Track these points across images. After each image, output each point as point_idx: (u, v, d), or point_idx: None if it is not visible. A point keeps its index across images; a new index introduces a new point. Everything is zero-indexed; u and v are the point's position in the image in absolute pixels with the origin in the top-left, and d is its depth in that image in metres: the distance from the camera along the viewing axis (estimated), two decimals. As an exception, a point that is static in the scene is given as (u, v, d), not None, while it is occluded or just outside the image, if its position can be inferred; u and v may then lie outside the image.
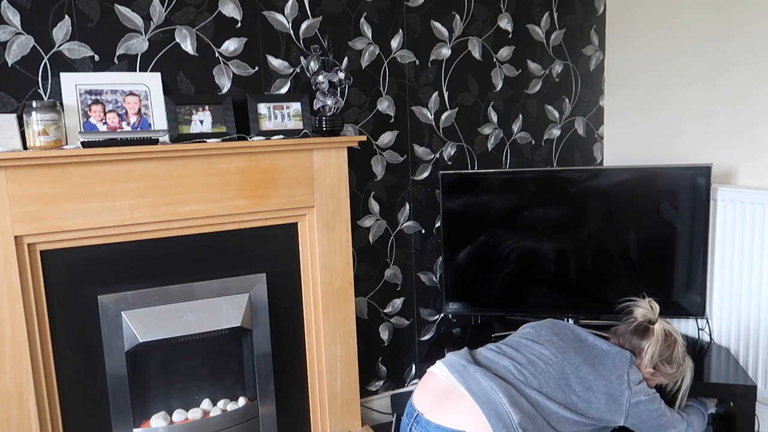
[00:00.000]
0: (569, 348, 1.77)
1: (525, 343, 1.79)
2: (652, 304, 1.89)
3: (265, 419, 2.27)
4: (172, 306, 2.06)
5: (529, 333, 1.85)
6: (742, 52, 2.36)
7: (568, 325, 1.91)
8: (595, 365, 1.73)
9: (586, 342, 1.83)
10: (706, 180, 2.31)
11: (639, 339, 1.82)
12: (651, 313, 1.87)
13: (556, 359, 1.71)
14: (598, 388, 1.69)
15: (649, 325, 1.84)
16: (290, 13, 2.27)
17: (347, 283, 2.32)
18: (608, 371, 1.72)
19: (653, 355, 1.79)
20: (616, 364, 1.75)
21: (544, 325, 1.88)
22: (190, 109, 2.07)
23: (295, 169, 2.17)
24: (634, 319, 1.87)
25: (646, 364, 1.80)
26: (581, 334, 1.86)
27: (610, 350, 1.80)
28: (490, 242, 2.53)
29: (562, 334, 1.83)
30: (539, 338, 1.81)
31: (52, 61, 1.94)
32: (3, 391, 1.83)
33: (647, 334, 1.82)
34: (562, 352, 1.74)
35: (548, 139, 2.90)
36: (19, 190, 1.79)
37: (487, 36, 2.68)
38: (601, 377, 1.70)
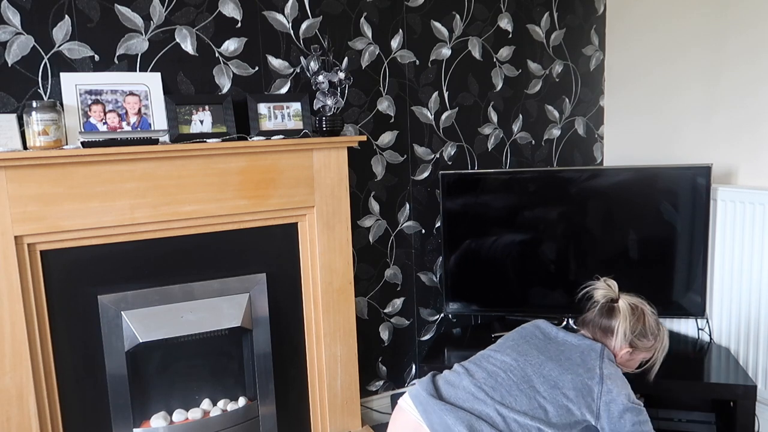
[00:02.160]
0: (532, 349, 1.74)
1: (488, 354, 1.76)
2: (609, 282, 1.85)
3: (265, 419, 2.27)
4: (172, 306, 2.06)
5: (496, 344, 1.83)
6: (743, 52, 2.36)
7: (539, 324, 1.87)
8: (561, 360, 1.69)
9: (554, 339, 1.78)
10: (706, 180, 2.31)
11: (607, 320, 1.78)
12: (611, 291, 1.83)
13: (516, 363, 1.68)
14: (565, 384, 1.63)
15: (612, 304, 1.80)
16: (290, 13, 2.27)
17: (347, 283, 2.32)
18: (575, 365, 1.67)
19: (626, 332, 1.74)
20: (584, 358, 1.69)
21: (514, 332, 1.86)
22: (190, 109, 2.07)
23: (295, 169, 2.17)
24: (595, 303, 1.83)
25: (621, 344, 1.75)
26: (551, 332, 1.82)
27: (579, 344, 1.75)
28: (490, 242, 2.53)
29: (529, 336, 1.81)
30: (502, 347, 1.78)
31: (52, 61, 1.94)
32: (3, 391, 1.83)
33: (613, 312, 1.78)
34: (523, 355, 1.71)
35: (548, 139, 2.90)
36: (19, 190, 1.79)
37: (487, 36, 2.68)
38: (567, 371, 1.65)
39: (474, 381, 1.66)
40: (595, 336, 1.80)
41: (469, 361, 1.77)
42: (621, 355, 1.78)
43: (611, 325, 1.77)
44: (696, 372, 2.22)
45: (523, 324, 1.90)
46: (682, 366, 2.26)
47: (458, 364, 1.77)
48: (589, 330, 1.82)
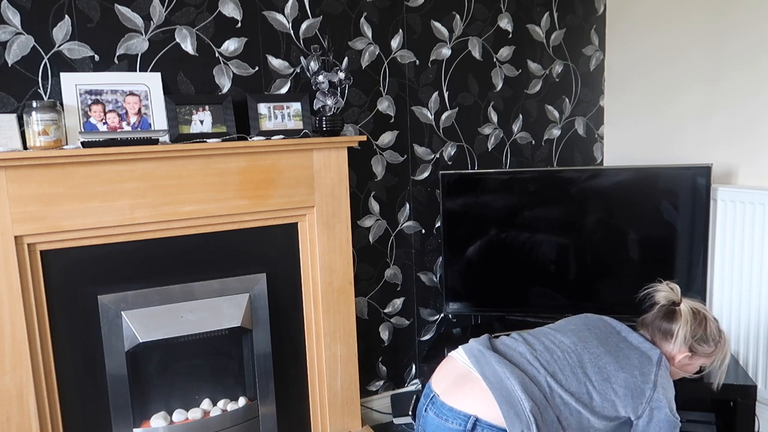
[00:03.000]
0: (593, 338, 1.72)
1: (547, 332, 1.76)
2: (672, 286, 1.82)
3: (265, 419, 2.27)
4: (172, 306, 2.06)
5: (557, 324, 1.82)
6: (743, 53, 2.36)
7: (603, 317, 1.84)
8: (619, 358, 1.67)
9: (617, 334, 1.76)
10: (706, 180, 2.31)
11: (668, 323, 1.74)
12: (673, 294, 1.80)
13: (575, 347, 1.67)
14: (617, 380, 1.63)
15: (674, 307, 1.77)
16: (290, 13, 2.27)
17: (347, 283, 2.32)
18: (632, 366, 1.66)
19: (686, 336, 1.71)
20: (642, 361, 1.68)
21: (576, 317, 1.85)
22: (190, 109, 2.07)
23: (295, 169, 2.17)
24: (657, 304, 1.80)
25: (681, 347, 1.72)
26: (616, 326, 1.80)
27: (639, 345, 1.72)
28: (490, 242, 2.53)
29: (592, 325, 1.78)
30: (564, 328, 1.77)
31: (52, 61, 1.94)
32: (3, 391, 1.83)
33: (674, 316, 1.75)
34: (583, 341, 1.70)
35: (548, 139, 2.90)
36: (19, 190, 1.79)
37: (487, 36, 2.68)
38: (622, 369, 1.64)
39: (530, 349, 1.66)
40: (654, 338, 1.77)
41: (527, 332, 1.77)
42: (680, 359, 1.75)
43: (671, 329, 1.74)
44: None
45: (587, 313, 1.88)
46: (682, 366, 2.25)
47: (517, 332, 1.77)
48: (649, 331, 1.78)
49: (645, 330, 1.81)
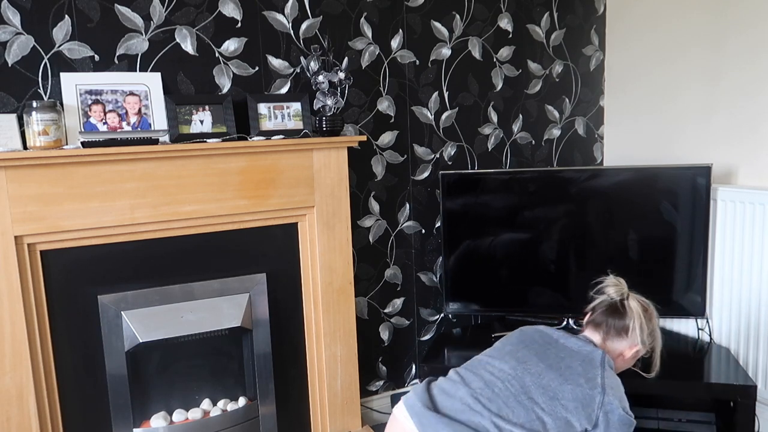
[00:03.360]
0: (531, 355, 1.68)
1: (485, 362, 1.70)
2: (619, 280, 1.82)
3: (265, 419, 2.27)
4: (172, 306, 2.06)
5: (493, 349, 1.77)
6: (743, 53, 2.36)
7: (539, 328, 1.81)
8: (561, 369, 1.64)
9: (554, 344, 1.73)
10: (706, 180, 2.31)
11: (621, 320, 1.74)
12: (622, 286, 1.80)
13: (514, 372, 1.63)
14: (565, 395, 1.59)
15: (623, 302, 1.77)
16: (290, 13, 2.27)
17: (347, 283, 2.32)
18: (576, 375, 1.63)
19: (641, 331, 1.73)
20: (585, 367, 1.65)
21: (512, 335, 1.80)
22: (190, 109, 2.07)
23: (295, 169, 2.17)
24: (604, 301, 1.79)
25: (632, 343, 1.74)
26: (552, 335, 1.77)
27: (580, 350, 1.70)
28: (490, 242, 2.53)
29: (529, 341, 1.74)
30: (500, 352, 1.72)
31: (52, 61, 1.94)
32: (3, 391, 1.83)
33: (625, 312, 1.75)
34: (522, 363, 1.65)
35: (548, 139, 2.90)
36: (19, 190, 1.79)
37: (487, 36, 2.68)
38: (567, 381, 1.61)
39: (470, 391, 1.61)
40: (607, 335, 1.75)
41: (464, 367, 1.72)
42: (630, 355, 1.75)
43: (626, 324, 1.73)
44: (696, 372, 2.22)
45: (523, 327, 1.85)
46: (682, 366, 2.26)
47: (454, 370, 1.73)
48: (600, 330, 1.76)
49: (595, 329, 1.78)
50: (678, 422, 2.21)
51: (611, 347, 1.75)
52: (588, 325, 1.80)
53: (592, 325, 1.78)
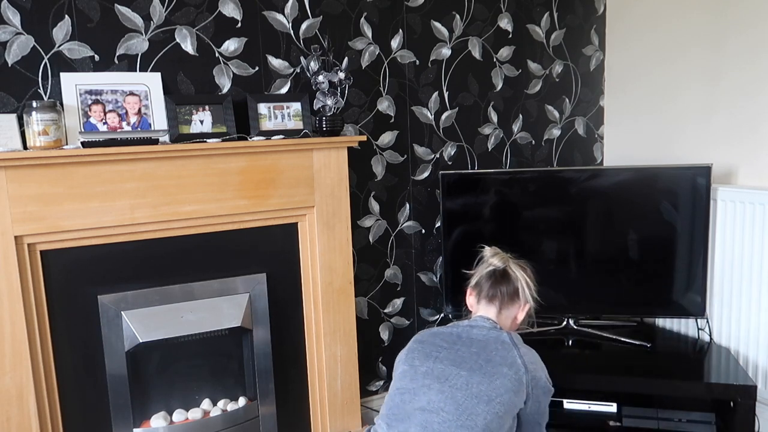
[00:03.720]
0: (449, 366, 1.61)
1: (408, 400, 1.60)
2: (495, 248, 1.84)
3: (265, 419, 2.27)
4: (172, 306, 2.06)
5: (405, 376, 1.66)
6: (743, 53, 2.36)
7: (433, 332, 1.75)
8: (483, 366, 1.60)
9: (460, 341, 1.68)
10: (706, 180, 2.31)
11: (508, 285, 1.75)
12: (503, 254, 1.81)
13: (443, 396, 1.55)
14: (498, 391, 1.56)
15: (504, 269, 1.78)
16: (290, 13, 2.27)
17: (347, 283, 2.32)
18: (498, 365, 1.60)
19: (529, 287, 1.76)
20: (502, 353, 1.63)
21: (413, 351, 1.70)
22: (190, 109, 2.07)
23: (295, 169, 2.17)
24: (491, 269, 1.78)
25: (525, 303, 1.76)
26: (452, 333, 1.72)
27: (488, 337, 1.68)
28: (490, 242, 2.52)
29: (435, 351, 1.66)
30: (415, 382, 1.62)
31: (52, 61, 1.94)
32: (3, 391, 1.83)
33: (509, 276, 1.76)
34: (444, 380, 1.58)
35: (548, 139, 2.90)
36: (19, 190, 1.79)
37: (487, 36, 2.68)
38: (495, 377, 1.58)
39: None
40: (502, 304, 1.75)
41: (391, 416, 1.60)
42: (523, 316, 1.79)
43: (516, 287, 1.76)
44: (696, 372, 2.22)
45: (415, 338, 1.75)
46: (682, 366, 2.26)
47: (382, 420, 1.62)
48: (495, 301, 1.75)
49: (490, 303, 1.76)
50: (678, 422, 2.21)
51: (507, 315, 1.77)
52: (481, 302, 1.78)
53: (486, 300, 1.77)
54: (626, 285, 2.47)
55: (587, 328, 2.54)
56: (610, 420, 2.25)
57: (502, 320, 1.76)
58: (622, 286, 2.47)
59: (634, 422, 2.23)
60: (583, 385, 2.24)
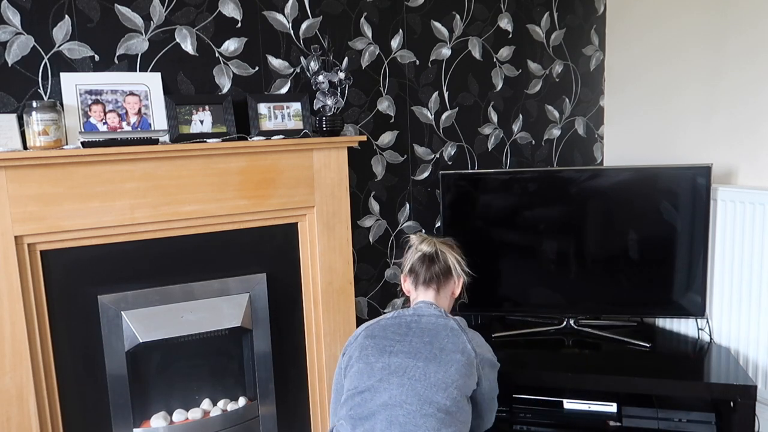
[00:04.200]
0: (404, 359, 1.64)
1: (369, 398, 1.61)
2: (421, 234, 1.94)
3: (265, 419, 2.27)
4: (172, 306, 2.06)
5: (361, 374, 1.66)
6: (743, 52, 2.36)
7: (381, 323, 1.76)
8: (436, 355, 1.64)
9: (412, 332, 1.71)
10: (706, 180, 2.31)
11: (440, 264, 1.83)
12: (429, 238, 1.89)
13: (404, 389, 1.59)
14: (453, 378, 1.61)
15: (434, 252, 1.85)
16: (290, 13, 2.27)
17: (347, 283, 2.32)
18: (451, 352, 1.65)
19: (459, 265, 1.85)
20: (453, 340, 1.68)
21: (365, 347, 1.70)
22: (190, 109, 2.07)
23: (295, 169, 2.17)
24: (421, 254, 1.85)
25: (459, 276, 1.86)
26: (401, 323, 1.74)
27: (437, 324, 1.72)
28: (490, 242, 2.53)
29: (389, 343, 1.69)
30: (372, 377, 1.64)
31: (52, 61, 1.94)
32: (3, 391, 1.83)
33: (438, 256, 1.84)
34: (403, 374, 1.61)
35: (548, 139, 2.90)
36: (19, 190, 1.79)
37: (487, 36, 2.68)
38: (449, 364, 1.63)
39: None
40: (439, 285, 1.82)
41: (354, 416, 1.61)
42: (459, 290, 1.88)
43: (447, 266, 1.83)
44: (696, 372, 2.22)
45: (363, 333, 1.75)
46: (682, 366, 2.26)
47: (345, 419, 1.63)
48: (433, 284, 1.82)
49: (428, 287, 1.83)
50: (678, 422, 2.21)
51: (444, 294, 1.85)
52: (419, 288, 1.85)
53: (423, 285, 1.84)
54: (626, 285, 2.47)
55: (587, 328, 2.54)
56: (610, 420, 2.25)
57: (441, 300, 1.84)
58: (622, 286, 2.47)
59: (634, 422, 2.24)
60: (583, 385, 2.24)
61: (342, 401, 1.69)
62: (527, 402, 2.33)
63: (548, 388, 2.33)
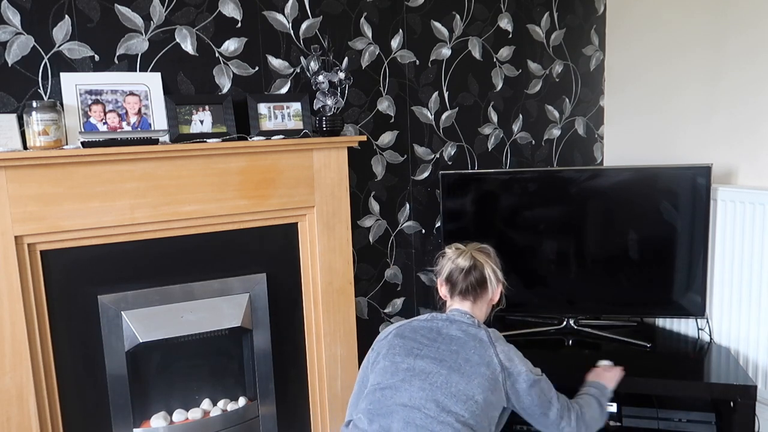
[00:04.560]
0: (430, 363, 1.63)
1: (389, 396, 1.62)
2: (458, 245, 1.87)
3: (265, 419, 2.27)
4: (172, 306, 2.06)
5: (385, 371, 1.67)
6: (743, 53, 2.36)
7: (412, 325, 1.76)
8: (461, 366, 1.62)
9: (441, 338, 1.70)
10: (706, 180, 2.31)
11: (476, 274, 1.78)
12: (465, 250, 1.84)
13: (425, 393, 1.58)
14: (475, 391, 1.58)
15: (471, 265, 1.80)
16: (290, 13, 2.27)
17: (347, 283, 2.32)
18: (476, 365, 1.62)
19: (496, 274, 1.80)
20: (480, 352, 1.64)
21: (394, 347, 1.71)
22: (190, 109, 2.07)
23: (295, 169, 2.17)
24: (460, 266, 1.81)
25: (496, 286, 1.81)
26: (432, 327, 1.73)
27: (467, 334, 1.70)
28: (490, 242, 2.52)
29: (417, 346, 1.68)
30: (397, 376, 1.64)
31: (52, 61, 1.94)
32: (3, 391, 1.83)
33: (475, 266, 1.79)
34: (425, 377, 1.61)
35: (548, 139, 2.90)
36: (19, 190, 1.79)
37: (487, 36, 2.68)
38: (473, 377, 1.60)
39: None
40: (476, 296, 1.79)
41: (372, 411, 1.62)
42: (497, 298, 1.84)
43: (484, 276, 1.79)
44: (696, 372, 2.22)
45: (394, 332, 1.75)
46: (682, 366, 2.26)
47: (363, 414, 1.64)
48: (469, 295, 1.79)
49: (464, 298, 1.80)
50: (678, 422, 2.21)
51: (481, 304, 1.81)
52: (455, 297, 1.81)
53: (460, 296, 1.81)
54: (626, 285, 2.47)
55: (587, 328, 2.54)
56: (610, 420, 2.25)
57: (477, 310, 1.80)
58: (622, 286, 2.47)
59: (634, 422, 2.23)
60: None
61: (364, 395, 1.70)
62: (527, 402, 2.33)
63: (548, 388, 2.33)
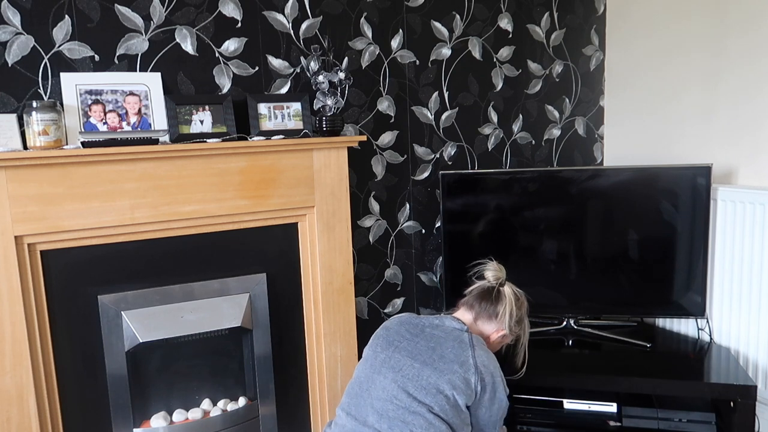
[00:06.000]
0: (404, 357, 1.68)
1: (366, 387, 1.68)
2: (500, 266, 1.89)
3: (265, 419, 2.27)
4: (172, 306, 2.06)
5: (366, 361, 1.74)
6: (743, 53, 2.36)
7: (403, 319, 1.81)
8: (435, 361, 1.65)
9: (422, 334, 1.74)
10: (706, 180, 2.31)
11: (493, 305, 1.81)
12: (501, 273, 1.87)
13: (397, 385, 1.63)
14: (445, 387, 1.61)
15: (499, 288, 1.83)
16: (290, 13, 2.27)
17: (347, 283, 2.32)
18: (450, 362, 1.65)
19: (509, 318, 1.80)
20: (456, 351, 1.68)
21: (378, 337, 1.79)
22: (190, 109, 2.07)
23: (295, 169, 2.17)
24: (486, 282, 1.86)
25: (500, 327, 1.81)
26: (418, 324, 1.78)
27: (450, 332, 1.73)
28: (490, 242, 2.53)
29: (397, 339, 1.74)
30: (374, 362, 1.71)
31: (52, 61, 1.94)
32: (3, 391, 1.83)
33: (499, 297, 1.81)
34: (399, 370, 1.65)
35: (548, 139, 2.90)
36: (19, 190, 1.79)
37: (487, 36, 2.68)
38: (444, 373, 1.63)
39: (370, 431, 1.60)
40: (478, 317, 1.82)
41: (350, 404, 1.68)
42: (496, 338, 1.83)
43: (497, 310, 1.81)
44: (696, 372, 2.22)
45: (386, 324, 1.83)
46: (682, 366, 2.26)
47: (341, 409, 1.70)
48: (473, 311, 1.82)
49: (468, 310, 1.83)
50: (678, 422, 2.21)
51: (480, 329, 1.83)
52: (461, 306, 1.86)
53: (466, 306, 1.85)
54: (626, 285, 2.47)
55: (587, 328, 2.54)
56: (610, 420, 2.25)
57: (474, 328, 1.82)
58: (622, 286, 2.47)
59: (634, 422, 2.23)
60: (583, 385, 2.24)
61: (345, 390, 1.75)
62: (527, 402, 2.33)
63: (548, 388, 2.33)
